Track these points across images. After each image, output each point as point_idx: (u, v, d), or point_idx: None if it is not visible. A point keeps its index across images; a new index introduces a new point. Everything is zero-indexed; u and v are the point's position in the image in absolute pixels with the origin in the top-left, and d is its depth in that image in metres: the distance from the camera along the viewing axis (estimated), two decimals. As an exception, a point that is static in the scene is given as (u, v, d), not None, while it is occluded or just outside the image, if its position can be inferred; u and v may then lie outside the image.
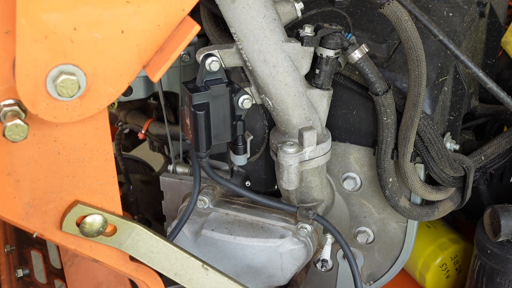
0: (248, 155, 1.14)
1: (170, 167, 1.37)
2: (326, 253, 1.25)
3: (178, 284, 1.03)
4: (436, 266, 1.52)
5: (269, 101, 1.05)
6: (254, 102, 1.07)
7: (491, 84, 1.02)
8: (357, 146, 1.18)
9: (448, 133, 1.22)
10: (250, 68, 1.01)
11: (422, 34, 1.03)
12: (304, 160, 1.10)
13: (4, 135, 0.73)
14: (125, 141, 1.82)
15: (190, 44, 1.31)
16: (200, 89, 1.00)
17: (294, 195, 1.19)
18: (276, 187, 1.27)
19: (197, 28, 0.76)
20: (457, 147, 1.21)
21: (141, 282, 1.03)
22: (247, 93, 1.05)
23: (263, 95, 1.05)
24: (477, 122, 1.46)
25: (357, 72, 1.09)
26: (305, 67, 1.04)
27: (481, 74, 1.01)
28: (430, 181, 1.20)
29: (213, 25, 1.19)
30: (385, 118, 1.06)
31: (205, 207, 1.23)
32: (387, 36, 1.16)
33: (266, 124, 1.16)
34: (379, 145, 1.10)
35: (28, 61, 0.70)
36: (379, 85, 1.03)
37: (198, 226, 1.19)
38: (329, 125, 1.15)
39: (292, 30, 1.04)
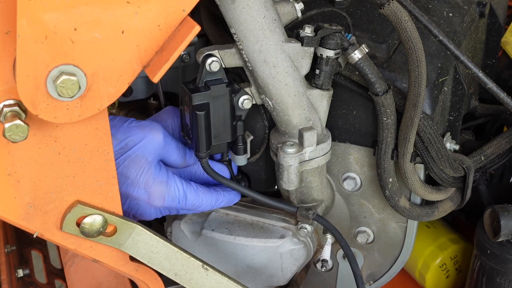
0: (248, 155, 1.14)
1: (170, 167, 1.37)
2: (326, 253, 1.25)
3: (178, 284, 1.03)
4: (436, 266, 1.52)
5: (269, 101, 1.05)
6: (254, 102, 1.08)
7: (491, 85, 1.02)
8: (357, 146, 1.18)
9: (448, 133, 1.22)
10: (250, 68, 1.01)
11: (422, 35, 1.03)
12: (304, 160, 1.10)
13: (4, 135, 0.73)
14: (125, 141, 1.82)
15: (190, 44, 1.31)
16: (200, 90, 1.00)
17: (294, 195, 1.19)
18: (276, 187, 1.27)
19: (197, 28, 0.76)
20: (457, 147, 1.21)
21: (141, 282, 1.03)
22: (247, 94, 1.05)
23: (263, 96, 1.05)
24: (477, 122, 1.46)
25: (357, 73, 1.09)
26: (305, 68, 1.04)
27: (481, 74, 1.01)
28: (430, 181, 1.20)
29: (213, 25, 1.19)
30: (385, 119, 1.06)
31: (205, 207, 1.23)
32: (387, 37, 1.16)
33: (266, 125, 1.16)
34: (379, 145, 1.10)
35: (28, 61, 0.70)
36: (379, 85, 1.03)
37: (198, 226, 1.20)
38: (329, 125, 1.15)
39: (292, 31, 1.04)
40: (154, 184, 1.03)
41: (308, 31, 1.02)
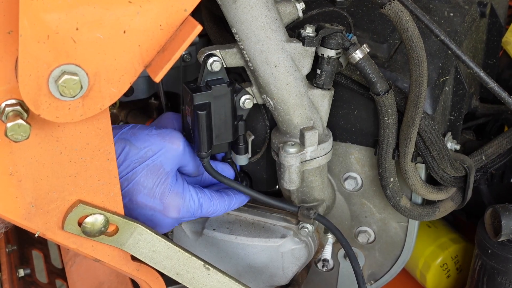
0: (250, 155, 1.14)
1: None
2: (327, 253, 1.25)
3: (179, 283, 1.03)
4: (437, 266, 1.52)
5: (270, 101, 1.05)
6: (255, 102, 1.08)
7: (492, 84, 1.02)
8: (358, 146, 1.18)
9: (449, 133, 1.22)
10: (252, 68, 1.01)
11: (423, 34, 1.03)
12: (306, 160, 1.10)
13: (6, 135, 0.73)
14: (126, 141, 1.81)
15: (191, 44, 1.31)
16: (201, 89, 1.00)
17: (295, 195, 1.19)
18: (277, 187, 1.28)
19: (199, 28, 0.76)
20: (458, 147, 1.21)
21: (142, 281, 1.03)
22: (248, 93, 1.05)
23: (265, 95, 1.05)
24: (477, 122, 1.46)
25: (358, 72, 1.09)
26: (307, 67, 1.04)
27: (482, 74, 1.01)
28: (431, 181, 1.20)
29: (214, 25, 1.19)
30: (386, 118, 1.06)
31: (206, 207, 1.23)
32: (388, 36, 1.16)
33: (268, 124, 1.16)
34: (380, 145, 1.10)
35: (30, 61, 0.70)
36: (380, 85, 1.04)
37: (199, 225, 1.20)
38: (330, 125, 1.15)
39: (293, 30, 1.04)
40: (170, 195, 1.03)
41: (309, 31, 1.03)
